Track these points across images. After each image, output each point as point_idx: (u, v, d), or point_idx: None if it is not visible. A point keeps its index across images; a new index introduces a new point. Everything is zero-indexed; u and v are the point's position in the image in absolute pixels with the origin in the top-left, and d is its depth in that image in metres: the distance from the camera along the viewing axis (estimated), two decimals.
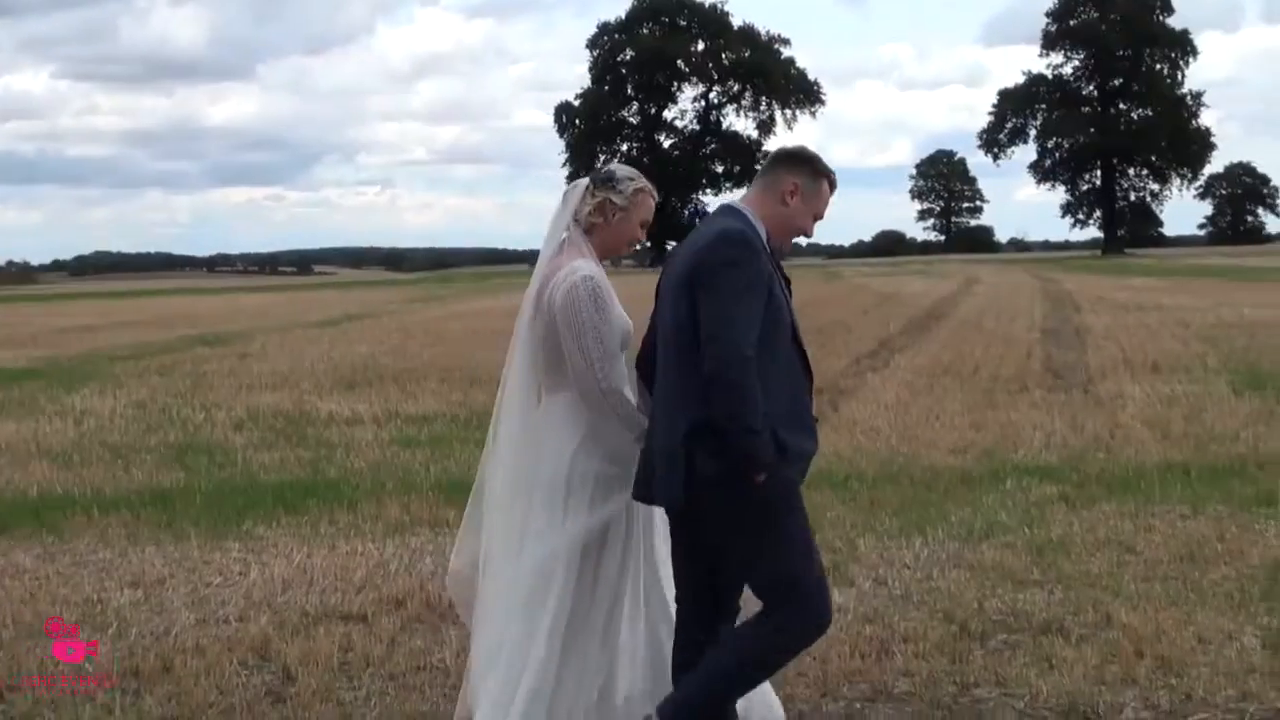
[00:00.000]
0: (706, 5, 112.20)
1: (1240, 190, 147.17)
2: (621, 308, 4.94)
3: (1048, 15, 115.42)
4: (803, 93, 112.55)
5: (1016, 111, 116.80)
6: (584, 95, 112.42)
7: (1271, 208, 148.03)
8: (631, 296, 5.28)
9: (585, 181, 5.14)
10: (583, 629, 4.90)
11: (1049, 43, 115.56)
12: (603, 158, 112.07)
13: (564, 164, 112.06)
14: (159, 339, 29.71)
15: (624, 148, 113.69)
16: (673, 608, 5.03)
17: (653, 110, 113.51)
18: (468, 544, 5.23)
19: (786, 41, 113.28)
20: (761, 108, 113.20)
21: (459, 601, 5.39)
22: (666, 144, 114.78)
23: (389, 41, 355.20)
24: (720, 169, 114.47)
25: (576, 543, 4.86)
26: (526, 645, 4.85)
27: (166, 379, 20.03)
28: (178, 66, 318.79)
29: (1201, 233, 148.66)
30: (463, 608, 5.35)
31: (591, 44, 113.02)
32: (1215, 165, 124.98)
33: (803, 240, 4.98)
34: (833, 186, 4.91)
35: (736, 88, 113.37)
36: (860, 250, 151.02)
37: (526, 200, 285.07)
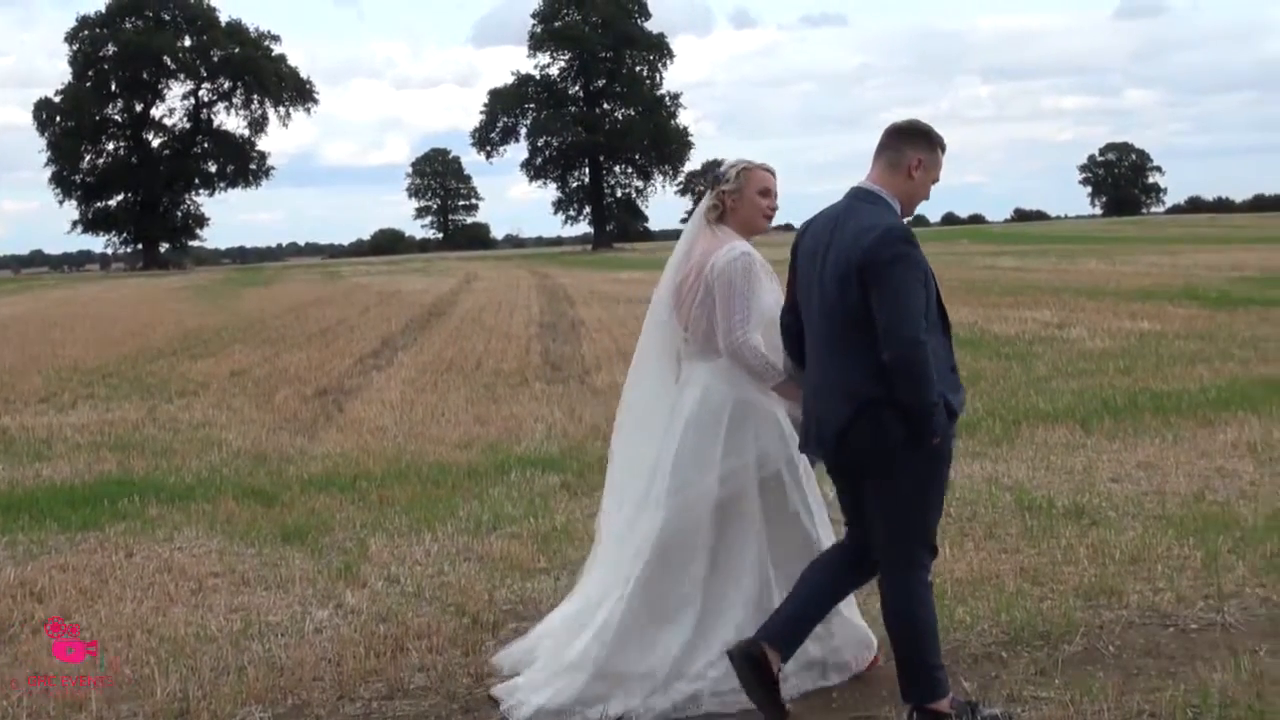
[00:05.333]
0: (192, 0, 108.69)
1: None
2: (773, 285, 5.65)
3: (534, 17, 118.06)
4: (295, 90, 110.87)
5: (507, 111, 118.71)
6: (65, 92, 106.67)
7: None
8: None
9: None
10: (727, 575, 5.61)
11: (536, 44, 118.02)
12: (87, 157, 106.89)
13: (46, 163, 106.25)
14: None
15: (110, 146, 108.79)
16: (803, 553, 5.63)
17: (139, 108, 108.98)
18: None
19: (277, 38, 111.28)
20: (254, 106, 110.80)
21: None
22: (155, 143, 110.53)
23: None
24: (213, 168, 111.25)
25: (730, 480, 5.57)
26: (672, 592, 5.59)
27: None
28: None
29: (682, 226, 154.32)
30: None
31: (70, 38, 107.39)
32: (694, 163, 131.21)
33: (301, 241, 5.07)
34: (943, 151, 5.33)
35: (227, 85, 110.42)
36: (360, 249, 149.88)
37: (7, 204, 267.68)
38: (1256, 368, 15.67)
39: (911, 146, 5.23)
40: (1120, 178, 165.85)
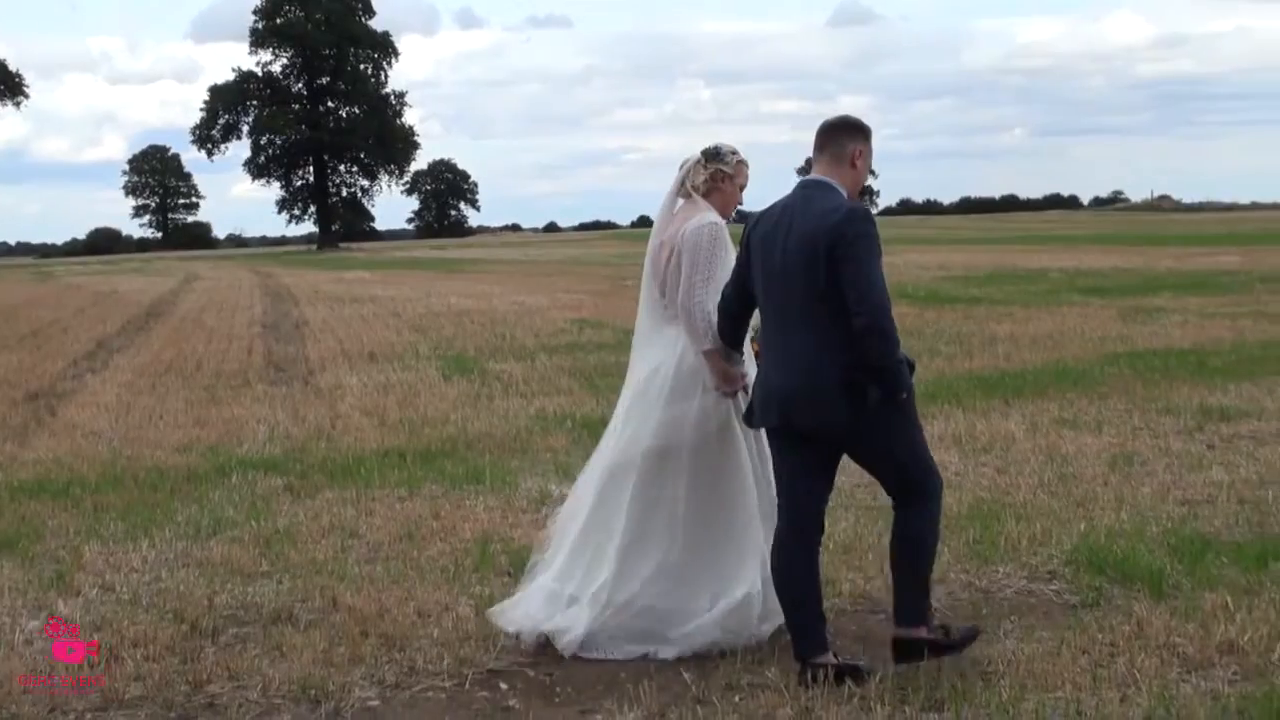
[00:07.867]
0: None
1: (444, 186, 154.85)
2: (734, 260, 5.93)
3: (255, 13, 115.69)
4: (4, 84, 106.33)
5: (228, 108, 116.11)
6: None
7: (472, 202, 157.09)
8: None
9: (696, 156, 6.23)
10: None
11: (258, 40, 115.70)
12: None
13: None
14: None
15: None
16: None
17: None
18: None
19: None
20: None
21: None
22: None
23: None
24: None
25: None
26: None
27: None
28: None
29: (411, 227, 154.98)
30: None
31: None
32: (420, 162, 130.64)
33: (12, 240, 4.96)
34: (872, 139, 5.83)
35: None
36: (74, 249, 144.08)
37: None
38: (962, 363, 16.37)
39: (851, 139, 5.71)
40: None
